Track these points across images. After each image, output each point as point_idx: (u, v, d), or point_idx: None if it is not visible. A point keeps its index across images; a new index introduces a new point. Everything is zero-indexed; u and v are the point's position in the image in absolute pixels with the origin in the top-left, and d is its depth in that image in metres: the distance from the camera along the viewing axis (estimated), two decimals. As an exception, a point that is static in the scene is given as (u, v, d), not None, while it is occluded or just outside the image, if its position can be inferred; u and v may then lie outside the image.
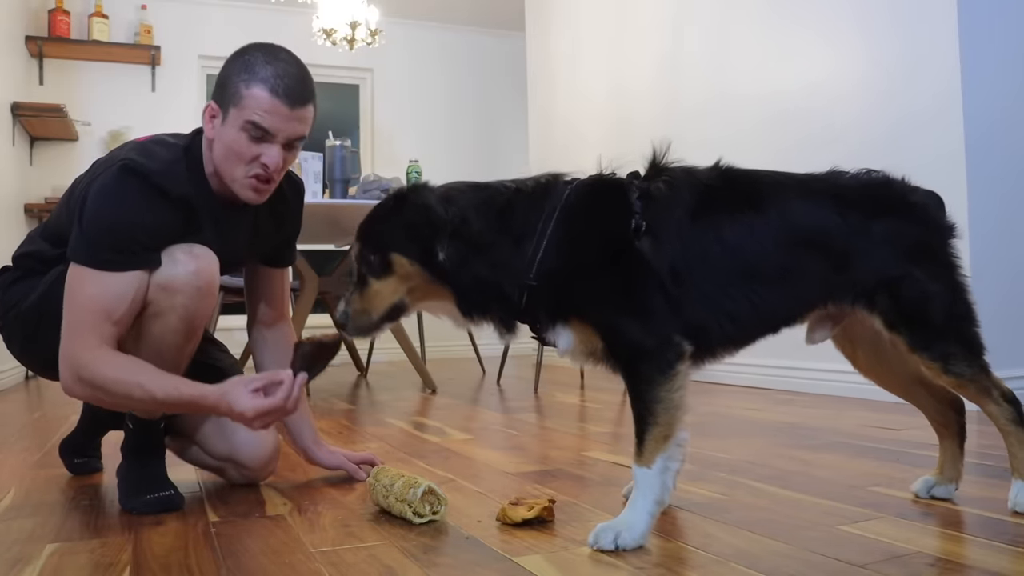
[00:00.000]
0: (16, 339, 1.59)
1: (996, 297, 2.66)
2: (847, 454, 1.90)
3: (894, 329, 1.31)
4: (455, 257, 1.23)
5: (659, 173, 1.31)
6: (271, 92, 1.43)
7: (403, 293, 1.29)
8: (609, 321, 1.23)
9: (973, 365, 1.31)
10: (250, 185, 1.49)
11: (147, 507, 1.50)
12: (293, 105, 1.45)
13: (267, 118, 1.43)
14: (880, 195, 1.35)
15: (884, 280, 1.30)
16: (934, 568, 1.06)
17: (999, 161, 2.72)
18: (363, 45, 5.62)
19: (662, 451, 1.20)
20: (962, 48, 2.65)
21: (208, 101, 1.51)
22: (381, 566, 1.14)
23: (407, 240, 1.25)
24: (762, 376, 3.36)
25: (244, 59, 1.47)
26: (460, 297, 1.27)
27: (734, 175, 1.35)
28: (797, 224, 1.30)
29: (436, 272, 1.24)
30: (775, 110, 3.41)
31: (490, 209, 1.26)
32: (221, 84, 1.48)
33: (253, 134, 1.44)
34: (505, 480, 1.71)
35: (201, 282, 1.44)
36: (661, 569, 1.09)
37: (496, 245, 1.25)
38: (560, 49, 5.22)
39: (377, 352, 5.16)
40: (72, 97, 5.48)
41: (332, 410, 3.10)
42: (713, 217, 1.28)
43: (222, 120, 1.47)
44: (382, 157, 6.51)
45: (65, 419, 2.81)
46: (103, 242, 1.38)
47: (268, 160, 1.46)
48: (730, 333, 1.29)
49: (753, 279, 1.28)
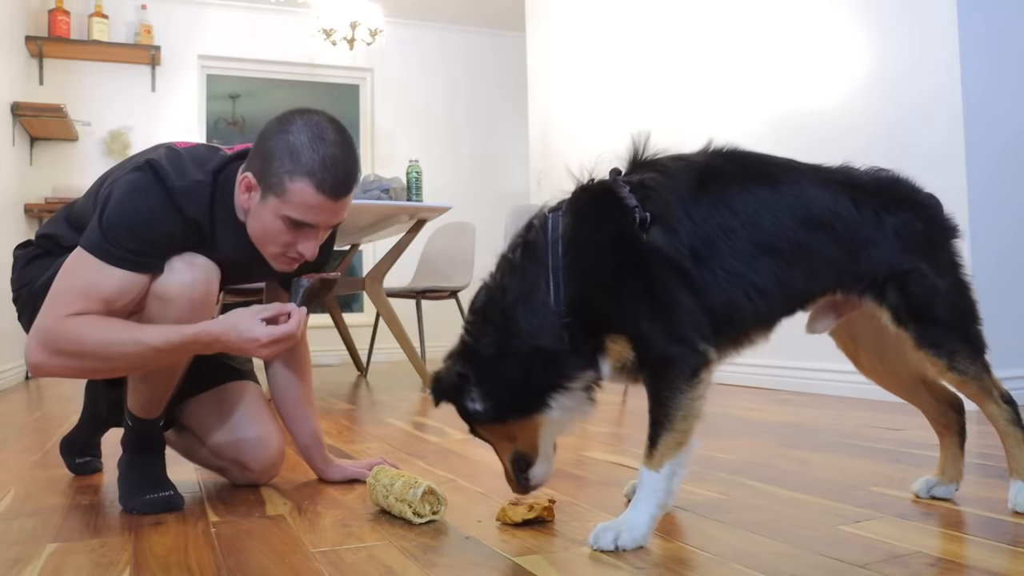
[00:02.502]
0: (27, 315, 1.57)
1: (996, 295, 2.66)
2: (847, 454, 1.90)
3: (901, 324, 1.30)
4: (488, 389, 1.24)
5: (644, 165, 1.30)
6: (317, 188, 1.36)
7: (510, 446, 1.31)
8: (636, 329, 1.21)
9: (976, 363, 1.31)
10: (284, 263, 1.49)
11: (147, 507, 1.50)
12: (339, 198, 1.40)
13: (309, 214, 1.39)
14: (892, 189, 1.36)
15: (894, 272, 1.30)
16: (934, 568, 1.06)
17: (999, 160, 2.72)
18: (363, 45, 5.62)
19: (673, 457, 1.19)
20: (962, 47, 2.65)
21: (244, 173, 1.43)
22: (381, 566, 1.14)
23: (463, 412, 1.28)
24: (762, 376, 3.36)
25: (287, 139, 1.38)
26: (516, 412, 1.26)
27: (739, 153, 1.34)
28: (811, 204, 1.29)
29: (495, 417, 1.26)
30: (778, 109, 3.41)
31: (491, 314, 1.26)
32: (262, 157, 1.40)
33: (292, 225, 1.41)
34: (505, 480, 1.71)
35: (196, 294, 1.42)
36: (661, 569, 1.09)
37: (510, 336, 1.23)
38: (560, 49, 5.22)
39: (377, 352, 5.16)
40: (72, 97, 5.48)
41: (332, 410, 3.10)
42: (723, 191, 1.27)
43: (260, 198, 1.41)
44: (382, 157, 6.51)
45: (65, 419, 2.81)
46: (119, 239, 1.38)
47: (305, 251, 1.45)
48: (761, 310, 1.26)
49: (775, 253, 1.26)
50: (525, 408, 1.25)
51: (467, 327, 1.29)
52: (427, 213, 3.88)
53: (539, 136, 5.52)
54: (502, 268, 1.29)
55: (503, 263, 1.29)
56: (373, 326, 4.92)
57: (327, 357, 5.96)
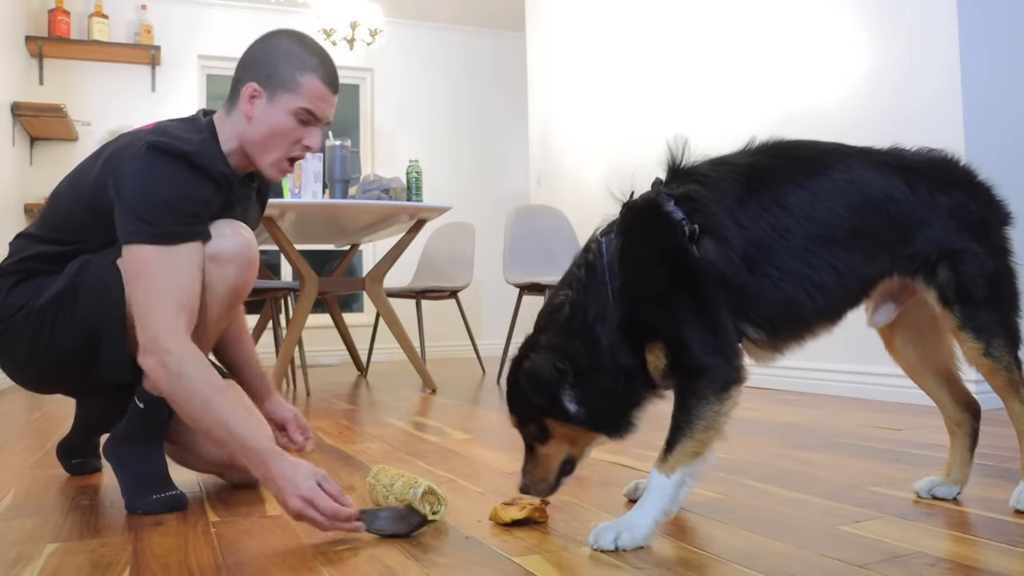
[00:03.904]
0: (22, 342, 1.50)
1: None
2: (847, 454, 1.89)
3: (947, 305, 1.30)
4: (583, 395, 1.23)
5: (685, 174, 1.30)
6: (323, 81, 1.52)
7: (567, 449, 1.30)
8: (675, 335, 1.21)
9: (1011, 354, 1.31)
10: (281, 167, 1.56)
11: (153, 507, 1.49)
12: (336, 91, 1.57)
13: (320, 106, 1.53)
14: (946, 169, 1.36)
15: (947, 251, 1.30)
16: (934, 568, 1.06)
17: (999, 160, 2.71)
18: (363, 45, 5.62)
19: (686, 465, 1.19)
20: (962, 48, 2.65)
21: (247, 84, 1.52)
22: (381, 566, 1.14)
23: (551, 404, 1.24)
24: (762, 376, 3.36)
25: (281, 46, 1.53)
26: (608, 425, 1.26)
27: (787, 145, 1.34)
28: (866, 188, 1.29)
29: (586, 422, 1.24)
30: (778, 109, 3.41)
31: (576, 328, 1.25)
32: (261, 66, 1.52)
33: (302, 119, 1.52)
34: (505, 480, 1.71)
35: (251, 253, 1.50)
36: (661, 569, 1.09)
37: (597, 350, 1.23)
38: (560, 49, 5.22)
39: (377, 352, 5.16)
40: (72, 97, 5.48)
41: (332, 410, 3.10)
42: (773, 191, 1.26)
43: (267, 101, 1.51)
44: (382, 157, 6.51)
45: (65, 419, 2.81)
46: (161, 217, 1.38)
47: (312, 143, 1.56)
48: (820, 304, 1.27)
49: (831, 244, 1.25)
50: (614, 422, 1.25)
51: (552, 336, 1.26)
52: (427, 213, 3.88)
53: (539, 136, 5.52)
54: (576, 287, 1.27)
55: (576, 281, 1.28)
56: (373, 326, 4.92)
57: (327, 357, 5.96)
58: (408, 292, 4.62)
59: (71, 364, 1.51)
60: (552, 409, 1.24)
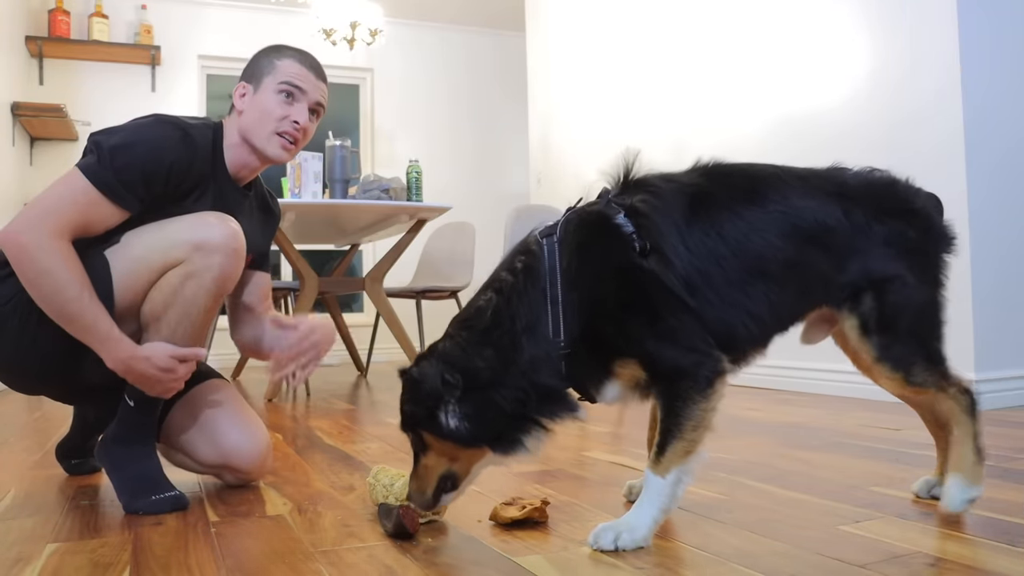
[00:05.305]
0: (10, 333, 1.48)
1: (996, 296, 2.66)
2: (847, 454, 1.90)
3: (865, 335, 1.29)
4: (471, 411, 1.17)
5: (634, 186, 1.29)
6: (298, 62, 1.67)
7: (446, 464, 1.24)
8: (647, 349, 1.20)
9: (934, 373, 1.30)
10: (280, 143, 1.64)
11: (154, 507, 1.49)
12: (317, 76, 1.69)
13: (298, 79, 1.65)
14: (885, 195, 1.33)
15: (875, 281, 1.28)
16: (934, 568, 1.06)
17: (999, 160, 2.72)
18: (363, 45, 5.62)
19: (679, 464, 1.20)
20: (962, 48, 2.65)
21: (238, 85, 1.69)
22: (381, 566, 1.14)
23: (426, 416, 1.20)
24: (762, 376, 3.36)
25: (266, 51, 1.70)
26: (495, 444, 1.20)
27: (725, 171, 1.32)
28: (799, 219, 1.27)
29: (468, 441, 1.19)
30: (778, 110, 3.41)
31: (496, 337, 1.20)
32: (248, 68, 1.69)
33: (286, 93, 1.64)
34: (505, 480, 1.71)
35: (237, 244, 1.51)
36: (661, 569, 1.09)
37: (510, 364, 1.19)
38: (560, 49, 5.22)
39: (377, 352, 5.16)
40: (72, 97, 5.48)
41: (332, 410, 3.10)
42: (712, 217, 1.25)
43: (254, 91, 1.66)
44: (382, 157, 6.52)
45: (65, 419, 2.81)
46: (122, 174, 1.45)
47: (298, 117, 1.64)
48: (755, 334, 1.27)
49: (765, 276, 1.25)
50: (502, 441, 1.20)
51: (460, 340, 1.22)
52: (427, 213, 3.89)
53: (539, 136, 5.52)
54: (508, 292, 1.23)
55: (507, 287, 1.24)
56: (373, 326, 4.92)
57: (327, 357, 5.94)
58: (408, 292, 4.62)
59: (58, 358, 1.50)
60: (426, 422, 1.20)
